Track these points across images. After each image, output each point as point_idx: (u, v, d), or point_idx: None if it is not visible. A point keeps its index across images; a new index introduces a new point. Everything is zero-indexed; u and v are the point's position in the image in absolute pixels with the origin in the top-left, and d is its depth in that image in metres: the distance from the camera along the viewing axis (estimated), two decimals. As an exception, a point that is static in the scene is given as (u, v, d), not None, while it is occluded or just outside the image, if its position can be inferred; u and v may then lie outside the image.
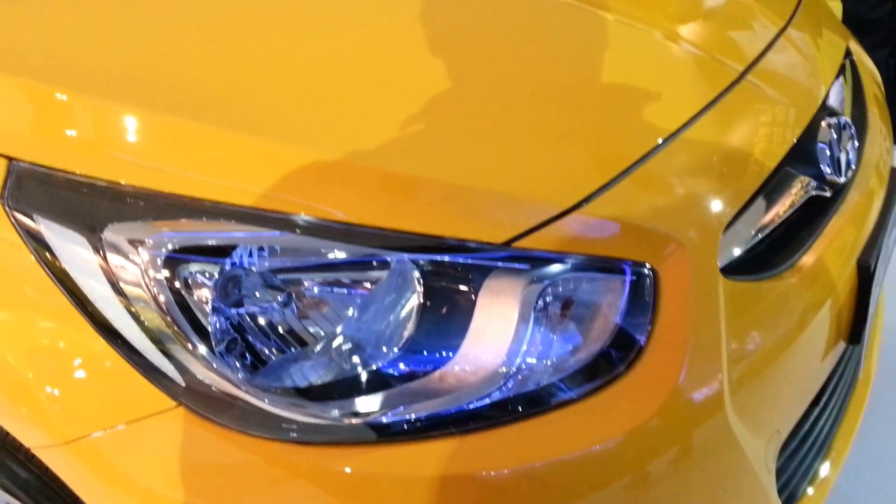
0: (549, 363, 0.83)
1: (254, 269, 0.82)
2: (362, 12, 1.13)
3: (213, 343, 0.81)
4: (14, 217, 0.84)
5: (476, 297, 0.81)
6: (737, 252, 0.97)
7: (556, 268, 0.83)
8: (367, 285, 0.83)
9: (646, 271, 0.85)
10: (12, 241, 0.84)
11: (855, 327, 1.15)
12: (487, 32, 1.11)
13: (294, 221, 0.82)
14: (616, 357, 0.84)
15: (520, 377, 0.82)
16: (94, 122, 0.90)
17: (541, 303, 0.82)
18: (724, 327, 0.88)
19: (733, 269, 0.95)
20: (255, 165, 0.85)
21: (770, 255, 1.02)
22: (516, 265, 0.82)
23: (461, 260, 0.82)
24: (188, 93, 0.92)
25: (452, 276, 0.82)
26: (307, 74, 0.98)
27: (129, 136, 0.89)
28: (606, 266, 0.85)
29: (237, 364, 0.82)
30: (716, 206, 0.94)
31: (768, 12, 1.31)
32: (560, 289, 0.83)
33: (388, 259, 0.82)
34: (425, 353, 0.82)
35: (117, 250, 0.82)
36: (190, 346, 0.82)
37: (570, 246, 0.83)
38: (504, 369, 0.81)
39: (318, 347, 0.82)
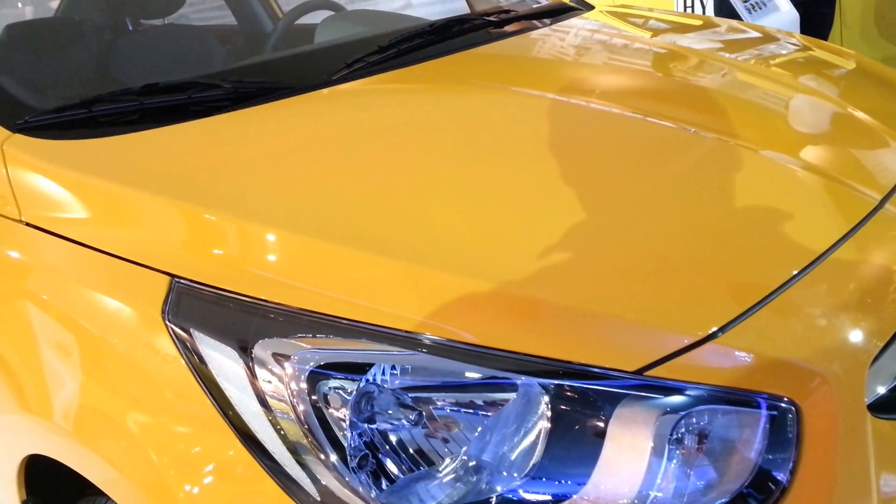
0: (683, 500, 0.79)
1: (387, 386, 0.85)
2: (508, 149, 1.18)
3: (348, 457, 0.83)
4: (172, 330, 0.91)
5: (607, 425, 0.80)
6: (881, 389, 0.91)
7: (690, 398, 0.81)
8: (495, 407, 0.83)
9: (785, 405, 0.81)
10: (169, 351, 0.91)
11: None
12: (620, 163, 1.14)
13: (423, 342, 0.84)
14: (755, 499, 0.80)
15: (653, 513, 0.79)
16: (244, 243, 0.97)
17: (675, 435, 0.80)
18: (874, 468, 0.83)
19: (879, 407, 0.89)
20: (391, 287, 0.89)
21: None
22: (649, 394, 0.81)
23: (592, 386, 0.81)
24: (330, 216, 0.98)
25: (582, 402, 0.81)
26: (446, 203, 1.03)
27: (277, 256, 0.96)
28: (743, 399, 0.82)
29: (368, 480, 0.83)
30: (860, 339, 0.90)
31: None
32: (695, 421, 0.81)
33: (517, 382, 0.82)
34: (553, 480, 0.80)
35: (264, 364, 0.87)
36: (324, 457, 0.84)
37: (706, 377, 0.82)
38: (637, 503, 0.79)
39: (445, 467, 0.83)
